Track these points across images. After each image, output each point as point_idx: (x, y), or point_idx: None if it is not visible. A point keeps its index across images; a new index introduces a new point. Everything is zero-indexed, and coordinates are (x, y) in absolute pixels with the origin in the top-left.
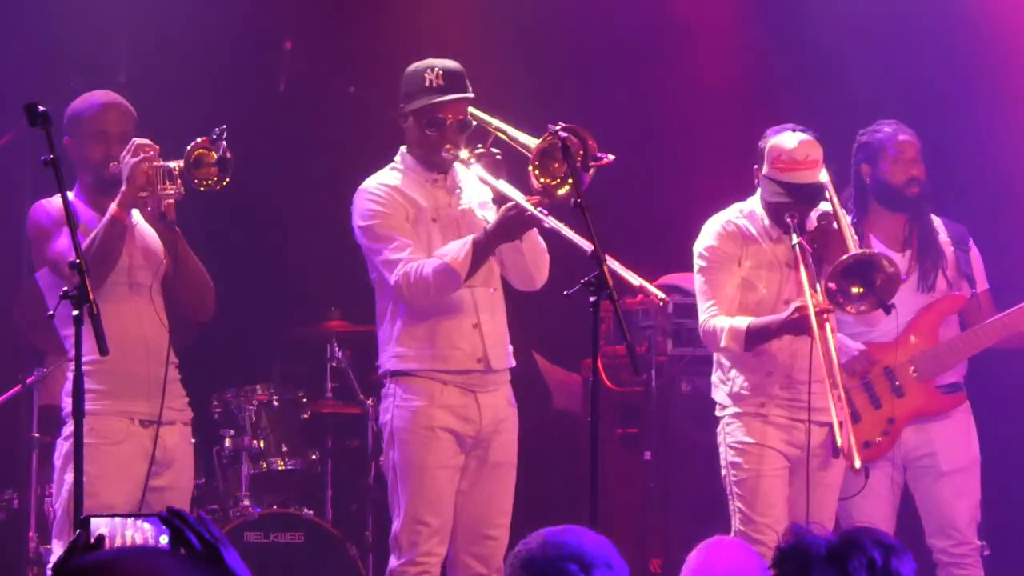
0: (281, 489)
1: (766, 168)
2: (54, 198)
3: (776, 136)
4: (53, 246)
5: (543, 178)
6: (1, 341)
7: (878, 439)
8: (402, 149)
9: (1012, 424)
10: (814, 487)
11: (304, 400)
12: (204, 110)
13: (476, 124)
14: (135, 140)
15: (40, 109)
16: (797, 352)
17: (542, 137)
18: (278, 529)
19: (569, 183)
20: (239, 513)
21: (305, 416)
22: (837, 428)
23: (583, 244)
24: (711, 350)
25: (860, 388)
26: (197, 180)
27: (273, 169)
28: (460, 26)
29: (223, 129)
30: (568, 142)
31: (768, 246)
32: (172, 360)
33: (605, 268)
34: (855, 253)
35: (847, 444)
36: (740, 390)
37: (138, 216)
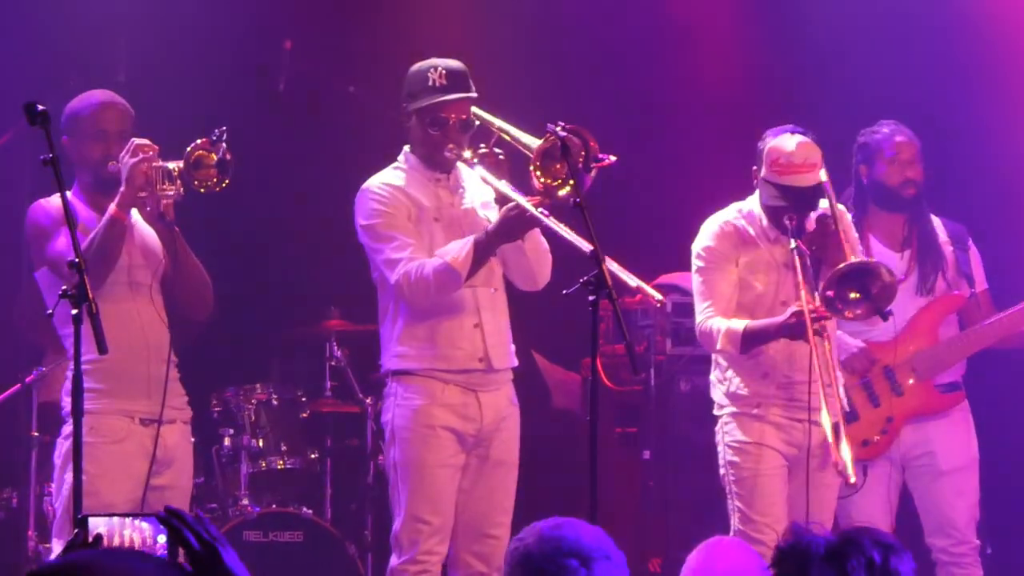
0: (280, 488)
1: (764, 170)
2: (53, 197)
3: (774, 139)
4: (52, 246)
5: (544, 178)
6: (1, 341)
7: (876, 438)
8: (405, 149)
9: (1012, 424)
10: (813, 487)
11: (303, 399)
12: (204, 110)
13: (479, 124)
14: (134, 140)
15: (39, 108)
16: (795, 353)
17: (544, 137)
18: (277, 528)
19: (570, 184)
20: (238, 512)
21: (304, 415)
22: (831, 436)
23: (583, 245)
24: (708, 351)
25: (859, 387)
26: (197, 182)
27: (272, 168)
28: (460, 26)
29: (223, 131)
30: (569, 142)
31: (766, 247)
32: (172, 359)
33: (604, 268)
34: (852, 262)
35: (842, 460)
36: (737, 390)
37: (137, 215)
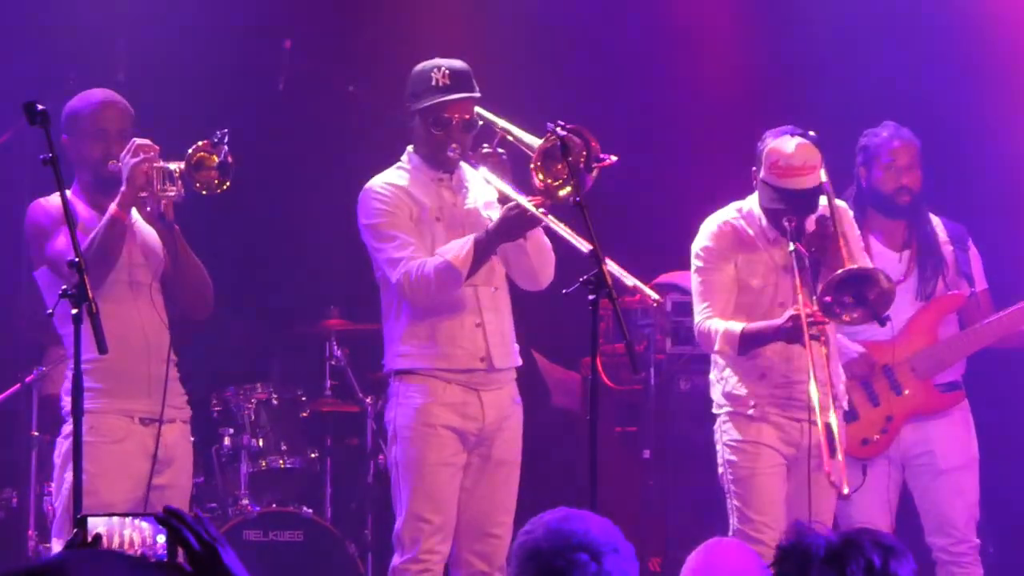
0: (280, 487)
1: (763, 172)
2: (52, 196)
3: (774, 141)
4: (52, 245)
5: (545, 178)
6: (1, 340)
7: (876, 437)
8: (409, 149)
9: (1012, 424)
10: (813, 486)
11: (303, 398)
12: (203, 109)
13: (482, 124)
14: (135, 140)
15: (39, 108)
16: (793, 354)
17: (544, 137)
18: (277, 528)
19: (571, 184)
20: (238, 512)
21: (304, 414)
22: (824, 443)
23: (582, 245)
24: (706, 351)
25: (859, 386)
26: (199, 184)
27: (272, 167)
28: (460, 25)
29: (224, 133)
30: (570, 142)
31: (765, 248)
32: (171, 358)
33: (604, 267)
34: (850, 268)
35: (834, 470)
36: (733, 390)
37: (136, 215)
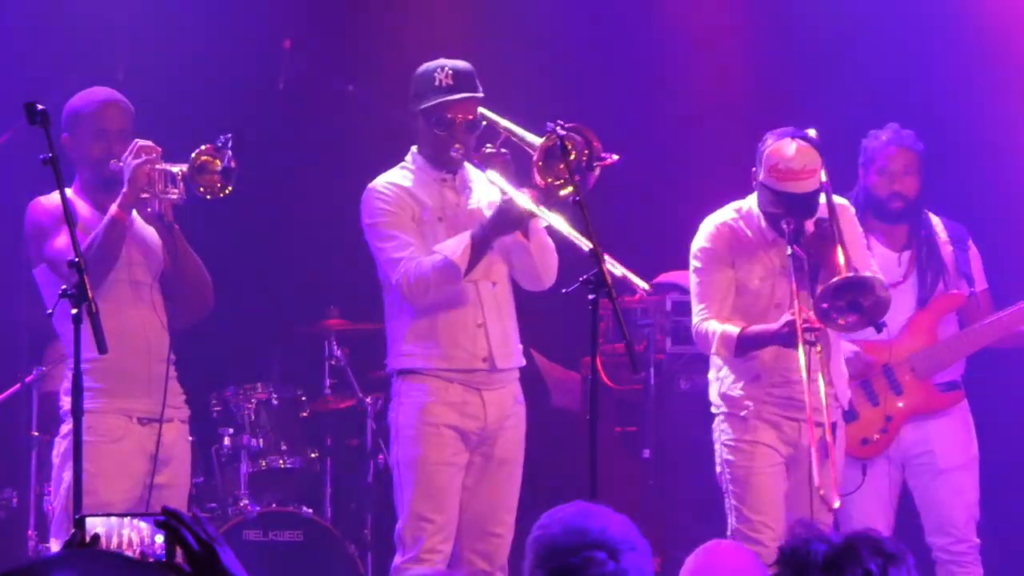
0: (280, 487)
1: (763, 175)
2: (52, 195)
3: (774, 143)
4: (52, 244)
5: (547, 177)
6: (1, 340)
7: (876, 437)
8: (413, 149)
9: (1012, 423)
10: (813, 486)
11: (303, 398)
12: (203, 109)
13: (486, 124)
14: (137, 141)
15: (39, 108)
16: (791, 355)
17: (545, 136)
18: (277, 528)
19: (572, 183)
20: (238, 512)
21: (304, 414)
22: (815, 455)
23: (581, 241)
24: (703, 352)
25: (858, 386)
26: (202, 188)
27: (272, 167)
28: (460, 25)
29: (228, 138)
30: (571, 141)
31: (763, 249)
32: (170, 358)
33: (604, 266)
34: (847, 276)
35: (825, 485)
36: (729, 390)
37: (136, 214)
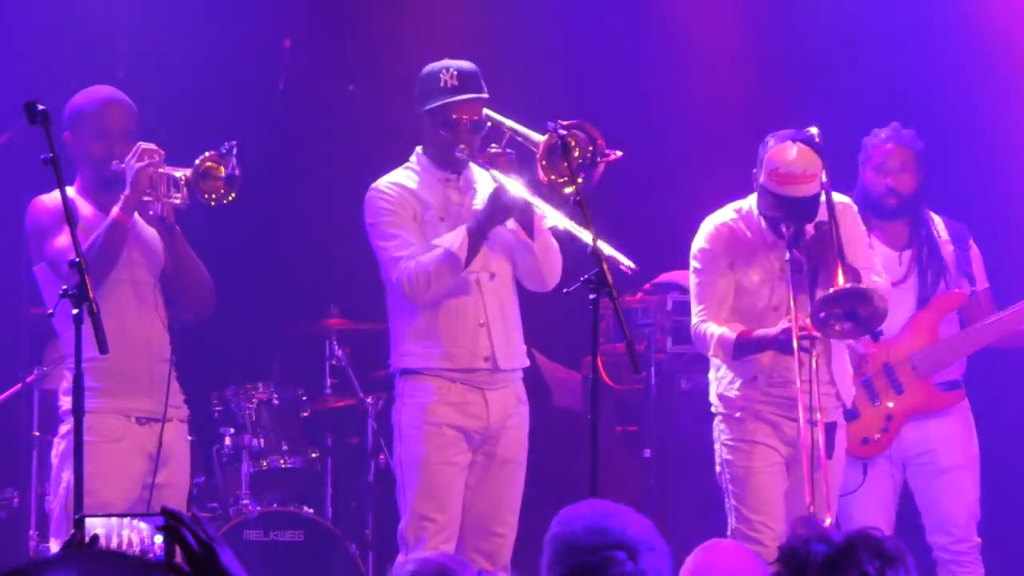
0: (281, 487)
1: (763, 178)
2: (53, 193)
3: (775, 146)
4: (53, 244)
5: (549, 174)
6: (1, 339)
7: (877, 436)
8: (418, 149)
9: (1012, 423)
10: (813, 485)
11: (304, 398)
12: (203, 109)
13: (491, 124)
14: (140, 144)
15: (39, 107)
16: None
17: (547, 134)
18: (278, 527)
19: (578, 180)
20: (239, 511)
21: (305, 414)
22: (806, 467)
23: (581, 233)
24: (702, 352)
25: (859, 385)
26: (206, 194)
27: (272, 167)
28: (460, 25)
29: (232, 145)
30: (574, 138)
31: (762, 250)
32: (171, 358)
33: (605, 266)
34: (844, 287)
35: (817, 502)
36: (725, 391)
37: (136, 214)
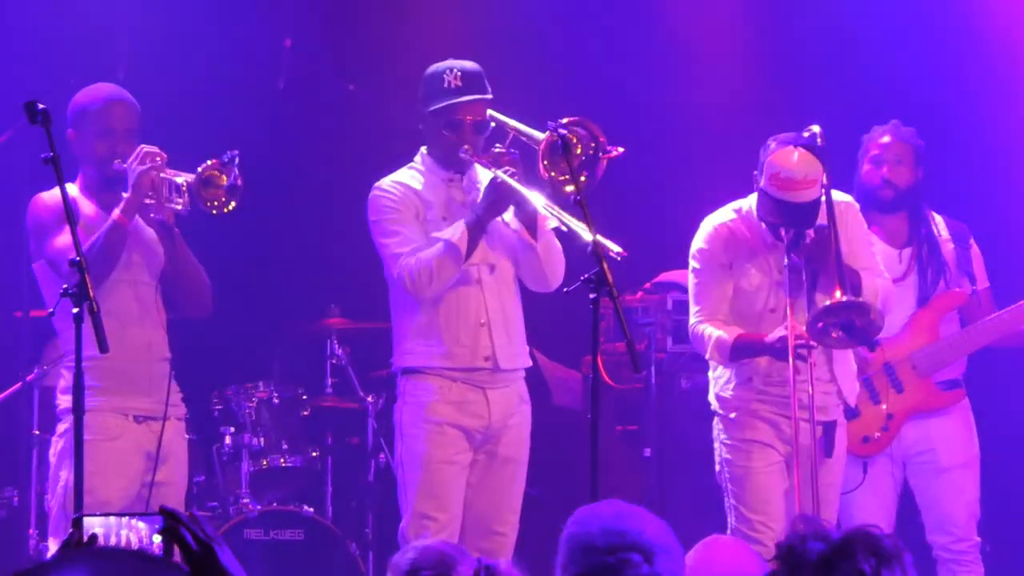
0: (281, 486)
1: (764, 182)
2: (54, 191)
3: (776, 151)
4: (53, 243)
5: (550, 170)
6: (1, 339)
7: (877, 435)
8: (422, 149)
9: (1013, 422)
10: (814, 484)
11: (304, 397)
12: (203, 109)
13: (495, 125)
14: (143, 148)
15: (40, 107)
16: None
17: (547, 133)
18: (278, 526)
19: (581, 179)
20: (239, 511)
21: (305, 413)
22: (796, 477)
23: (580, 229)
24: (700, 352)
25: (859, 383)
26: (207, 202)
27: (272, 166)
28: (461, 25)
29: (235, 154)
30: (575, 135)
31: (761, 251)
32: (169, 357)
33: (605, 265)
34: (841, 300)
35: (804, 499)
36: (722, 391)
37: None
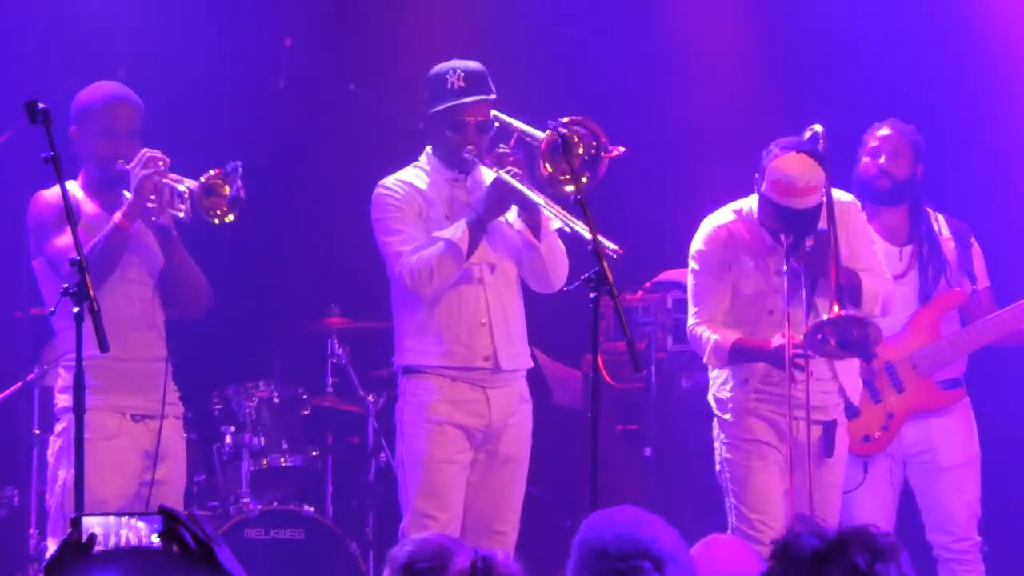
0: (282, 486)
1: (764, 186)
2: (55, 189)
3: (778, 156)
4: (53, 242)
5: (551, 167)
6: (1, 338)
7: (877, 434)
8: (428, 149)
9: (1013, 422)
10: (815, 486)
11: (304, 396)
12: (204, 108)
13: (499, 125)
14: (146, 152)
15: (40, 106)
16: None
17: (548, 132)
18: (279, 526)
19: (582, 179)
20: (239, 510)
21: (305, 412)
22: (788, 484)
23: (579, 228)
24: (697, 353)
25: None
26: (208, 211)
27: (272, 166)
28: (460, 24)
29: (238, 165)
30: (576, 135)
31: (760, 253)
32: (167, 356)
33: (605, 264)
34: (840, 314)
35: (798, 498)
36: (720, 391)
37: None
